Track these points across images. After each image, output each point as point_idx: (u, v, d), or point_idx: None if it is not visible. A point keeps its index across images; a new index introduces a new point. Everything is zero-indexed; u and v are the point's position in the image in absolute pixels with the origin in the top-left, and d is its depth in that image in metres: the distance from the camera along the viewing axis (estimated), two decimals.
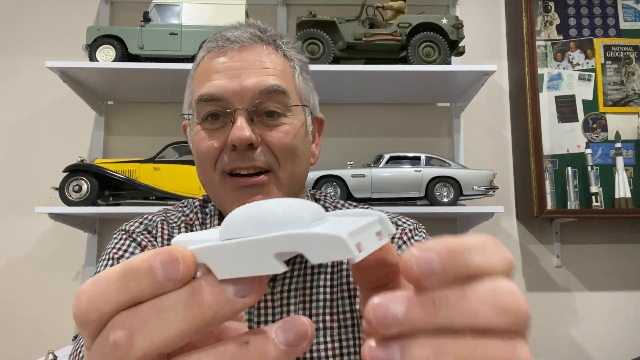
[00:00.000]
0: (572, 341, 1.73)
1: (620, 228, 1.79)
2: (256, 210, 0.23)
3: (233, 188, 0.66)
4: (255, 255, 0.22)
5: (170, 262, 0.22)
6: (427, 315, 0.21)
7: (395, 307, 0.21)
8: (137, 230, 0.72)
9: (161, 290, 0.22)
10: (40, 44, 1.84)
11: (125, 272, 0.22)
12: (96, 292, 0.22)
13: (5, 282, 1.71)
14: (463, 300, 0.21)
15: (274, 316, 0.68)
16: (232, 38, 0.68)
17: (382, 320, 0.21)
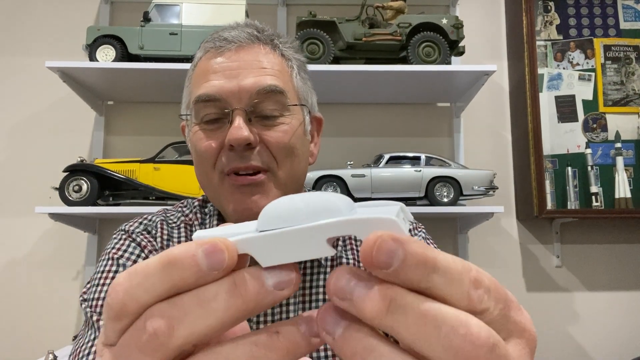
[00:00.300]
0: (572, 341, 1.73)
1: (620, 228, 1.79)
2: (296, 202, 0.24)
3: (232, 187, 0.66)
4: (308, 241, 0.23)
5: (214, 252, 0.22)
6: (377, 311, 0.20)
7: (355, 284, 0.21)
8: (136, 231, 0.72)
9: (204, 280, 0.22)
10: (40, 44, 1.84)
11: (166, 262, 0.22)
12: (135, 284, 0.22)
13: (5, 282, 1.71)
14: (416, 320, 0.20)
15: (273, 316, 0.68)
16: (229, 38, 0.68)
17: (337, 290, 0.21)
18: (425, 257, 0.21)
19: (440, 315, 0.20)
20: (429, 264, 0.21)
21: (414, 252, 0.21)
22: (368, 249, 0.21)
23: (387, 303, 0.20)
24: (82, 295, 0.68)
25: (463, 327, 0.20)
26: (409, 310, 0.20)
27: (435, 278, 0.21)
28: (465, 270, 0.21)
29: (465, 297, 0.21)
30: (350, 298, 0.21)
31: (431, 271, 0.21)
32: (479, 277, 0.22)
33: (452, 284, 0.21)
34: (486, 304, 0.21)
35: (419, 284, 0.21)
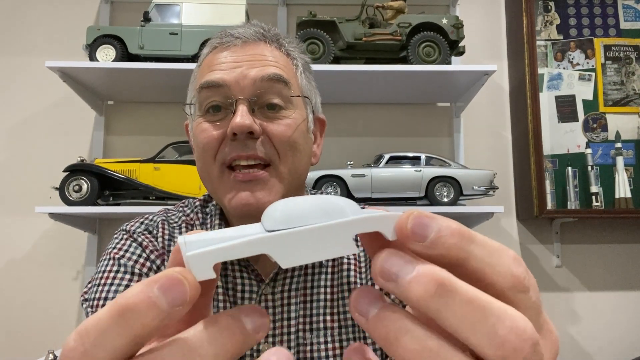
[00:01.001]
0: (572, 341, 1.73)
1: (620, 228, 1.79)
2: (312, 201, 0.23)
3: (232, 182, 0.65)
4: (335, 238, 0.22)
5: (172, 286, 0.20)
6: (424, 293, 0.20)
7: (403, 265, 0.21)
8: (138, 231, 0.72)
9: (169, 320, 0.20)
10: (40, 44, 1.84)
11: (120, 312, 0.20)
12: (90, 345, 0.20)
13: (5, 282, 1.71)
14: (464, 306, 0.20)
15: (275, 316, 0.68)
16: (235, 34, 0.69)
17: (383, 270, 0.21)
18: (460, 230, 0.21)
19: (488, 304, 0.20)
20: (465, 236, 0.21)
21: (448, 225, 0.21)
22: (403, 224, 0.21)
23: (435, 286, 0.20)
24: (83, 295, 0.68)
25: (510, 319, 0.20)
26: (456, 295, 0.20)
27: (474, 249, 0.21)
28: (503, 248, 0.22)
29: (508, 272, 0.21)
30: (396, 279, 0.21)
31: (468, 242, 0.21)
32: (517, 256, 0.22)
33: (492, 256, 0.21)
34: (528, 282, 0.21)
35: (457, 255, 0.21)
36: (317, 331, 0.68)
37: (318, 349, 0.67)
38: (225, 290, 0.69)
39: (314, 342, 0.67)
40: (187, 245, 0.22)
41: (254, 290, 0.68)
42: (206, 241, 0.23)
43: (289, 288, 0.69)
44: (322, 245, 0.22)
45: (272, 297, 0.68)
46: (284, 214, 0.23)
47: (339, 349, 0.67)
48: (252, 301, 0.68)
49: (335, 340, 0.68)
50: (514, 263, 0.21)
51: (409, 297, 0.20)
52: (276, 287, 0.69)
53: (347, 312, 0.70)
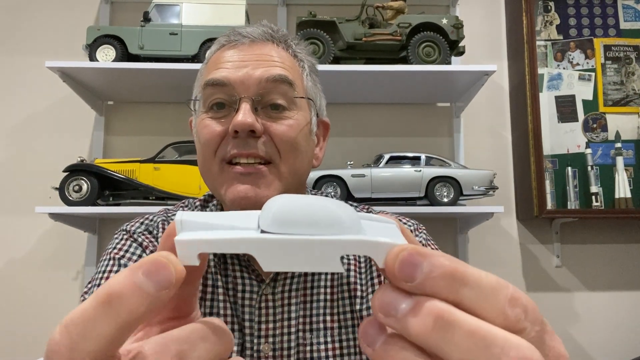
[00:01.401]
0: (572, 341, 1.73)
1: (620, 228, 1.79)
2: (311, 208, 0.23)
3: (232, 176, 0.65)
4: (321, 254, 0.22)
5: (157, 271, 0.20)
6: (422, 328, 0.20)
7: (401, 301, 0.20)
8: (138, 231, 0.72)
9: (157, 305, 0.20)
10: (40, 44, 1.84)
11: (105, 300, 0.20)
12: (77, 337, 0.20)
13: (5, 282, 1.71)
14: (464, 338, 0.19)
15: (275, 316, 0.68)
16: (243, 33, 0.69)
17: (382, 306, 0.21)
18: (452, 270, 0.20)
19: (489, 335, 0.19)
20: (457, 277, 0.20)
21: (440, 264, 0.20)
22: (391, 261, 0.21)
23: (433, 319, 0.19)
24: (83, 295, 0.68)
25: (514, 350, 0.19)
26: (456, 327, 0.19)
27: (465, 292, 0.20)
28: (500, 287, 0.21)
29: (501, 315, 0.20)
30: (395, 315, 0.20)
31: (460, 284, 0.20)
32: (515, 294, 0.21)
33: (486, 299, 0.20)
34: (523, 324, 0.21)
35: (447, 297, 0.20)
36: (317, 331, 0.68)
37: (318, 349, 0.67)
38: (225, 290, 0.69)
39: (314, 343, 0.67)
40: (182, 224, 0.22)
41: (255, 291, 0.68)
42: (201, 224, 0.23)
43: (289, 288, 0.69)
44: (307, 258, 0.22)
45: (273, 298, 0.68)
46: (279, 216, 0.23)
47: (338, 349, 0.67)
48: (252, 301, 0.68)
49: (335, 340, 0.68)
50: (509, 305, 0.20)
51: (409, 333, 0.20)
52: (276, 287, 0.69)
53: (347, 312, 0.70)
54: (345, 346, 0.68)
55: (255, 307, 0.68)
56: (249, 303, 0.68)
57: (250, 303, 0.68)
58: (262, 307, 0.68)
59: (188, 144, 1.52)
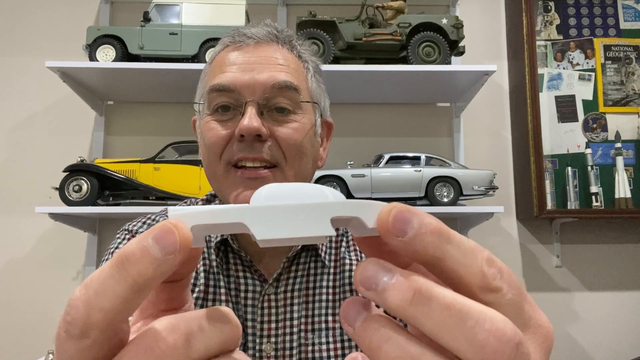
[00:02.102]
0: (572, 341, 1.73)
1: (620, 228, 1.79)
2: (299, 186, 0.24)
3: (237, 179, 0.65)
4: (311, 218, 0.23)
5: (163, 236, 0.21)
6: (401, 301, 0.20)
7: (381, 275, 0.21)
8: (140, 230, 0.72)
9: (163, 269, 0.21)
10: (40, 44, 1.83)
11: (120, 261, 0.21)
12: (93, 293, 0.21)
13: (5, 282, 1.71)
14: (441, 312, 0.20)
15: (277, 316, 0.68)
16: (248, 34, 0.69)
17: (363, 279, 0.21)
18: (439, 228, 0.21)
19: (465, 307, 0.20)
20: (443, 235, 0.21)
21: (429, 222, 0.21)
22: (384, 217, 0.21)
23: (411, 293, 0.20)
24: None
25: (489, 322, 0.20)
26: (433, 301, 0.20)
27: (449, 249, 0.21)
28: (478, 249, 0.22)
29: (478, 272, 0.21)
30: (375, 288, 0.21)
31: (445, 241, 0.21)
32: (491, 257, 0.22)
33: (466, 256, 0.21)
34: (499, 283, 0.21)
35: (433, 254, 0.21)
36: (319, 331, 0.68)
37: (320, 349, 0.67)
38: (227, 290, 0.69)
39: (316, 343, 0.67)
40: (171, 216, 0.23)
41: (257, 291, 0.68)
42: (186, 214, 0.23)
43: (291, 288, 0.69)
44: (298, 223, 0.23)
45: (275, 298, 0.68)
46: (268, 194, 0.24)
47: (340, 349, 0.67)
48: (255, 301, 0.68)
49: (337, 340, 0.68)
50: (486, 263, 0.21)
51: (388, 305, 0.21)
52: (279, 287, 0.69)
53: None
54: (347, 346, 0.68)
55: (257, 307, 0.68)
56: (251, 303, 0.68)
57: (253, 303, 0.68)
58: (265, 307, 0.68)
59: (188, 144, 1.52)
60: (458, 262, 0.21)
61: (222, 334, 0.23)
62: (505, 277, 0.22)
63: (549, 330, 0.23)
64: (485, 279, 0.21)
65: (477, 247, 0.22)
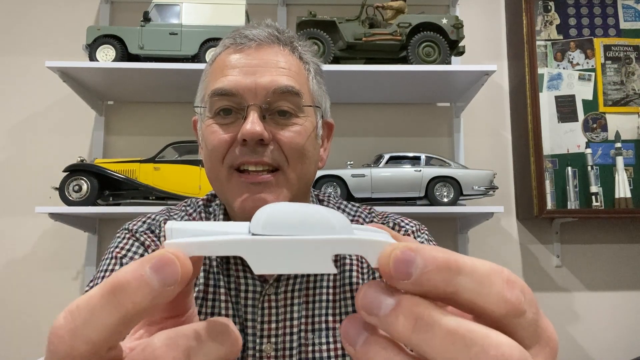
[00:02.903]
0: (572, 341, 1.73)
1: (620, 228, 1.79)
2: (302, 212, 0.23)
3: (240, 184, 0.65)
4: (313, 254, 0.22)
5: (164, 266, 0.20)
6: (403, 329, 0.20)
7: (382, 300, 0.20)
8: (140, 230, 0.72)
9: (161, 300, 0.20)
10: (40, 44, 1.83)
11: (111, 289, 0.20)
12: (80, 322, 0.20)
13: (5, 282, 1.71)
14: (444, 339, 0.19)
15: (277, 316, 0.68)
16: (249, 36, 0.69)
17: (365, 305, 0.21)
18: (446, 261, 0.20)
19: (469, 334, 0.19)
20: (452, 267, 0.20)
21: (434, 257, 0.20)
22: (384, 261, 0.20)
23: (413, 321, 0.19)
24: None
25: (494, 348, 0.19)
26: (436, 328, 0.19)
27: (461, 280, 0.20)
28: (495, 272, 0.20)
29: (501, 299, 0.20)
30: (377, 314, 0.20)
31: (455, 274, 0.20)
32: (511, 277, 0.21)
33: (483, 285, 0.20)
34: (524, 305, 0.20)
35: (445, 290, 0.20)
36: (320, 332, 0.68)
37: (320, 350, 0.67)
38: (227, 291, 0.69)
39: (317, 343, 0.67)
40: (172, 232, 0.22)
41: (257, 291, 0.68)
42: (192, 232, 0.22)
43: (292, 289, 0.69)
44: (298, 259, 0.22)
45: (275, 298, 0.68)
46: (270, 219, 0.22)
47: (341, 349, 0.67)
48: (255, 301, 0.68)
49: (337, 340, 0.68)
50: (507, 288, 0.20)
51: (391, 332, 0.20)
52: (279, 287, 0.69)
53: (349, 312, 0.70)
54: None
55: (257, 307, 0.68)
56: (251, 303, 0.68)
57: (253, 303, 0.68)
58: (265, 307, 0.68)
59: (188, 144, 1.52)
60: (475, 292, 0.20)
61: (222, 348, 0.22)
62: (527, 296, 0.21)
63: (556, 341, 0.23)
64: (509, 304, 0.20)
65: (493, 269, 0.20)
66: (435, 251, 0.20)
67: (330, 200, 0.81)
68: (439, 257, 0.20)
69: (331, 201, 0.81)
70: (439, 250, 0.20)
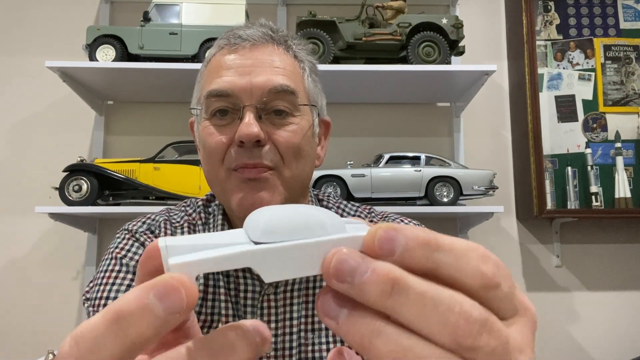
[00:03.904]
0: (572, 341, 1.73)
1: (620, 228, 1.79)
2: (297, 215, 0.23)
3: (238, 181, 0.66)
4: (318, 256, 0.22)
5: (169, 294, 0.20)
6: (380, 293, 0.20)
7: (356, 267, 0.21)
8: (140, 230, 0.72)
9: (166, 328, 0.20)
10: (40, 44, 1.83)
11: (114, 318, 0.19)
12: (85, 351, 0.19)
13: (5, 282, 1.71)
14: (417, 301, 0.20)
15: (277, 316, 0.68)
16: (243, 36, 0.69)
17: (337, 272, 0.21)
18: (426, 238, 0.21)
19: (437, 295, 0.20)
20: (431, 243, 0.21)
21: (415, 235, 0.21)
22: (370, 240, 0.21)
23: (390, 285, 0.20)
24: (85, 294, 0.68)
25: (458, 305, 0.20)
26: (410, 291, 0.20)
27: (440, 256, 0.21)
28: (471, 248, 0.22)
29: (477, 272, 0.21)
30: (351, 281, 0.21)
31: (435, 249, 0.21)
32: (486, 253, 0.22)
33: (460, 259, 0.21)
34: (498, 278, 0.22)
35: (425, 265, 0.21)
36: (319, 331, 0.68)
37: (320, 349, 0.67)
38: (227, 291, 0.69)
39: (316, 342, 0.67)
40: (168, 250, 0.21)
41: (257, 291, 0.69)
42: (189, 247, 0.22)
43: (291, 288, 0.69)
44: (305, 262, 0.22)
45: (275, 297, 0.68)
46: (269, 226, 0.22)
47: None
48: (254, 301, 0.68)
49: (337, 340, 0.68)
50: (482, 261, 0.22)
51: (365, 298, 0.21)
52: (279, 287, 0.69)
53: None
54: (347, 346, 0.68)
55: (257, 307, 0.68)
56: (251, 303, 0.68)
57: (253, 303, 0.68)
58: (265, 307, 0.68)
59: (188, 143, 1.52)
60: (454, 267, 0.21)
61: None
62: (501, 270, 0.22)
63: (533, 311, 0.24)
64: (485, 277, 0.22)
65: (470, 246, 0.22)
66: (416, 230, 0.21)
67: (330, 200, 0.81)
68: (419, 235, 0.21)
69: (331, 201, 0.81)
70: (419, 229, 0.22)
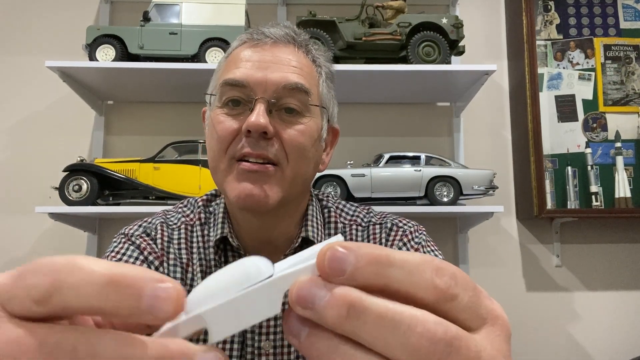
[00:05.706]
0: (572, 341, 1.73)
1: (620, 228, 1.79)
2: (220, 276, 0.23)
3: (239, 172, 0.66)
4: (266, 299, 0.22)
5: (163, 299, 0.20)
6: (337, 318, 0.21)
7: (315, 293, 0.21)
8: (136, 234, 0.73)
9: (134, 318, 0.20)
10: (40, 44, 1.84)
11: (113, 280, 0.20)
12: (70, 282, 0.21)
13: None
14: (375, 322, 0.20)
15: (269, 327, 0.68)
16: (266, 33, 0.70)
17: (299, 300, 0.21)
18: (377, 256, 0.21)
19: (397, 315, 0.20)
20: (382, 260, 0.21)
21: (364, 253, 0.21)
22: (320, 262, 0.21)
23: (346, 308, 0.20)
24: None
25: (420, 325, 0.20)
26: (367, 313, 0.20)
27: (392, 272, 0.21)
28: (425, 262, 0.22)
29: (430, 286, 0.21)
30: (312, 307, 0.21)
31: (386, 266, 0.21)
32: (441, 265, 0.22)
33: (412, 274, 0.21)
34: (454, 290, 0.22)
35: (377, 282, 0.21)
36: None
37: None
38: None
39: None
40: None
41: None
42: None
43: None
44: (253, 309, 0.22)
45: None
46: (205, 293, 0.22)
47: None
48: None
49: None
50: (436, 274, 0.21)
51: (326, 322, 0.21)
52: None
53: None
54: None
55: None
56: None
57: None
58: None
59: (188, 143, 1.52)
60: (406, 282, 0.21)
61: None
62: (460, 281, 0.22)
63: (505, 318, 0.24)
64: (439, 290, 0.21)
65: (423, 260, 0.22)
66: (366, 248, 0.21)
67: (329, 200, 0.82)
68: (369, 252, 0.21)
69: (330, 201, 0.81)
70: (370, 246, 0.21)
